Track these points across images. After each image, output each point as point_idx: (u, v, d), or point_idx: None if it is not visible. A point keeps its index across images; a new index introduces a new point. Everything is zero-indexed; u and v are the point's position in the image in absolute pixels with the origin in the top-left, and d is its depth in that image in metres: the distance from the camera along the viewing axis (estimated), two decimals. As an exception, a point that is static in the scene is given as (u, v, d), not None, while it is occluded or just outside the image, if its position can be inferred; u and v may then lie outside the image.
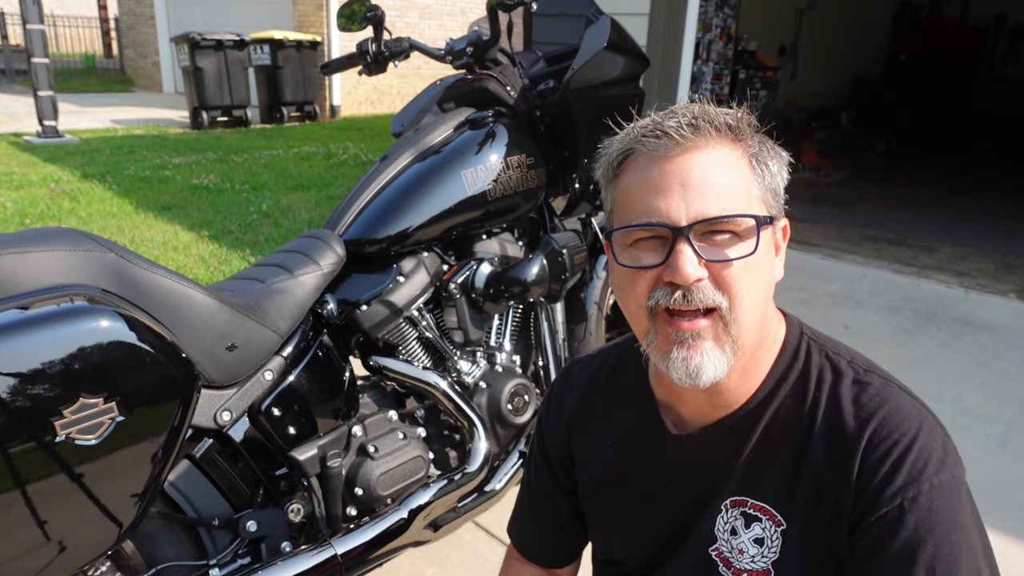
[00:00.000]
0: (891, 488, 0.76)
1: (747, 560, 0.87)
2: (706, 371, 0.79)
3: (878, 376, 0.85)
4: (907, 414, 0.80)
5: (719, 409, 0.88)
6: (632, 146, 0.83)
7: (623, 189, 0.84)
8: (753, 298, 0.80)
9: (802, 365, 0.87)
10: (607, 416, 1.01)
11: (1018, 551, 2.02)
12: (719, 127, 0.81)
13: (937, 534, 0.75)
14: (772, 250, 0.84)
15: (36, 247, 1.10)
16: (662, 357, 0.81)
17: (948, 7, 9.92)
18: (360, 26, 1.97)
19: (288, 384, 1.48)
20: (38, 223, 4.60)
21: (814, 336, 0.90)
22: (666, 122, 0.81)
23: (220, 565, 1.41)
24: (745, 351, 0.82)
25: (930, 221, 5.39)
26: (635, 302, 0.83)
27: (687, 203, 0.78)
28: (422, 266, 1.72)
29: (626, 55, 1.99)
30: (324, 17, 10.09)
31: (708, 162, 0.79)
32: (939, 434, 0.80)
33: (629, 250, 0.83)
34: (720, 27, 5.41)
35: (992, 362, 3.15)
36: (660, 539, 0.95)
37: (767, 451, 0.86)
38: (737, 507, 0.88)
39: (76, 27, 17.19)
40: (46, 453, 1.00)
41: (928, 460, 0.77)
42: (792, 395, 0.86)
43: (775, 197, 0.84)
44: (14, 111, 9.72)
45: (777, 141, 0.87)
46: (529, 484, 1.13)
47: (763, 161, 0.83)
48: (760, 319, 0.83)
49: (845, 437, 0.81)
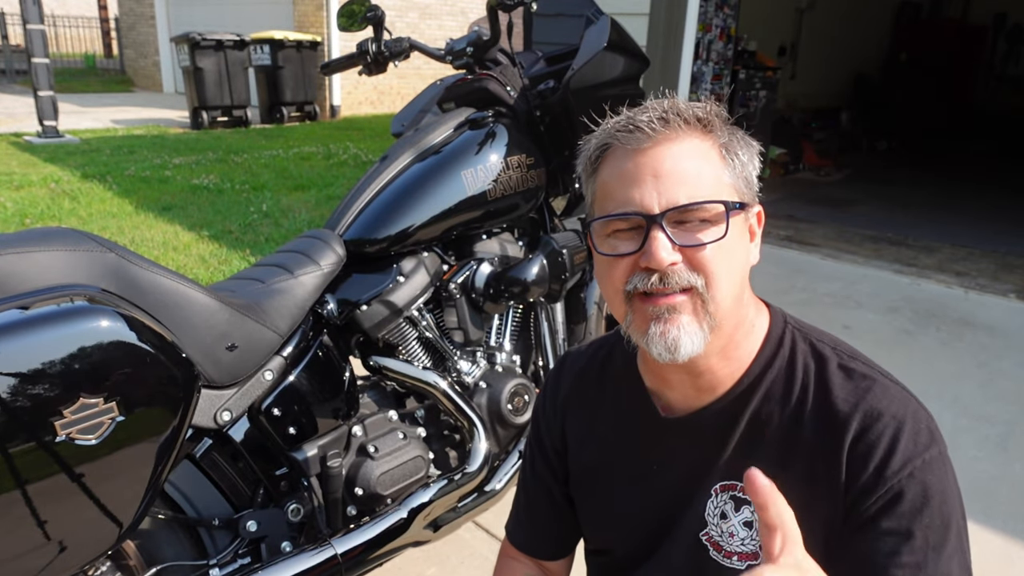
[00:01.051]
0: (887, 470, 0.80)
1: (737, 543, 0.89)
2: (684, 344, 0.82)
3: (861, 362, 0.88)
4: (894, 398, 0.84)
5: (704, 392, 0.91)
6: (608, 141, 0.87)
7: (601, 182, 0.88)
8: (728, 278, 0.83)
9: (788, 352, 0.90)
10: (599, 403, 1.04)
11: (1018, 551, 2.02)
12: (688, 120, 0.84)
13: (932, 507, 0.79)
14: (746, 235, 0.88)
15: (36, 247, 1.10)
16: (641, 335, 0.85)
17: (948, 7, 9.92)
18: (360, 26, 1.97)
19: (288, 384, 1.48)
20: (38, 223, 4.60)
21: (797, 325, 0.93)
22: (638, 117, 0.85)
23: (220, 565, 1.41)
24: (723, 329, 0.85)
25: (930, 221, 5.39)
26: (613, 288, 0.87)
27: (659, 192, 0.82)
28: (422, 266, 1.73)
29: (626, 55, 1.99)
30: (324, 17, 10.09)
31: (679, 153, 0.83)
32: (923, 415, 0.84)
33: (608, 239, 0.87)
34: (720, 27, 5.41)
35: (992, 362, 3.14)
36: (650, 525, 0.97)
37: (756, 435, 0.89)
38: (727, 491, 0.90)
39: (76, 27, 17.19)
40: (46, 453, 1.00)
41: (917, 440, 0.81)
42: (779, 380, 0.89)
43: (747, 185, 0.87)
44: (14, 111, 9.72)
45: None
46: (524, 475, 1.16)
47: (733, 151, 0.86)
48: (736, 299, 0.86)
49: (834, 421, 0.84)
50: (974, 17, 9.80)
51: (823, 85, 8.62)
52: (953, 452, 0.85)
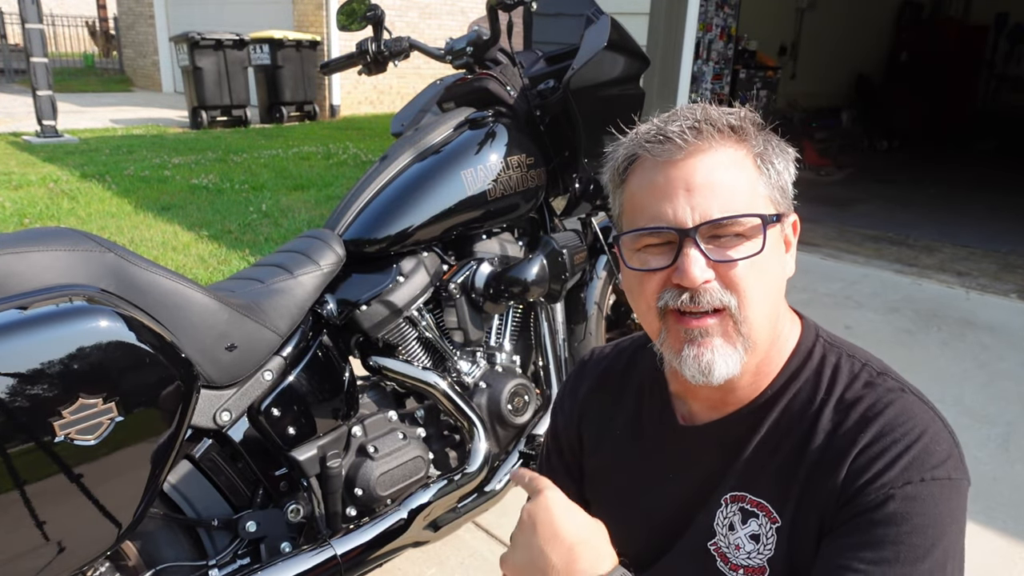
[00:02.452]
0: (882, 479, 0.76)
1: (743, 556, 0.87)
2: (718, 367, 0.80)
3: (891, 379, 0.85)
4: (914, 417, 0.80)
5: (730, 405, 0.89)
6: (637, 151, 0.84)
7: (630, 194, 0.85)
8: (762, 296, 0.80)
9: (816, 365, 0.87)
10: (618, 406, 1.03)
11: (1020, 552, 2.02)
12: (722, 129, 0.81)
13: (914, 523, 0.75)
14: (781, 247, 0.85)
15: (35, 247, 1.10)
16: (675, 355, 0.83)
17: (949, 6, 9.92)
18: (360, 25, 1.96)
19: (288, 384, 1.48)
20: (37, 223, 4.60)
21: (830, 339, 0.90)
22: (669, 126, 0.81)
23: (220, 565, 1.41)
24: (758, 349, 0.83)
25: (931, 221, 5.39)
26: (645, 304, 0.84)
27: (692, 206, 0.79)
28: (422, 266, 1.72)
29: (626, 55, 1.99)
30: (324, 17, 10.09)
31: (712, 165, 0.80)
32: (945, 440, 0.80)
33: (638, 254, 0.84)
34: (720, 27, 5.40)
35: (993, 362, 3.14)
36: (661, 531, 0.96)
37: (771, 447, 0.87)
38: (736, 502, 0.88)
39: (75, 27, 17.18)
40: (45, 453, 1.00)
41: (927, 460, 0.77)
42: (801, 393, 0.86)
43: (783, 194, 0.85)
44: (13, 111, 9.71)
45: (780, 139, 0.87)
46: (540, 468, 1.14)
47: (768, 159, 0.83)
48: (771, 317, 0.83)
49: (845, 436, 0.81)
50: (975, 17, 9.79)
51: (824, 85, 8.61)
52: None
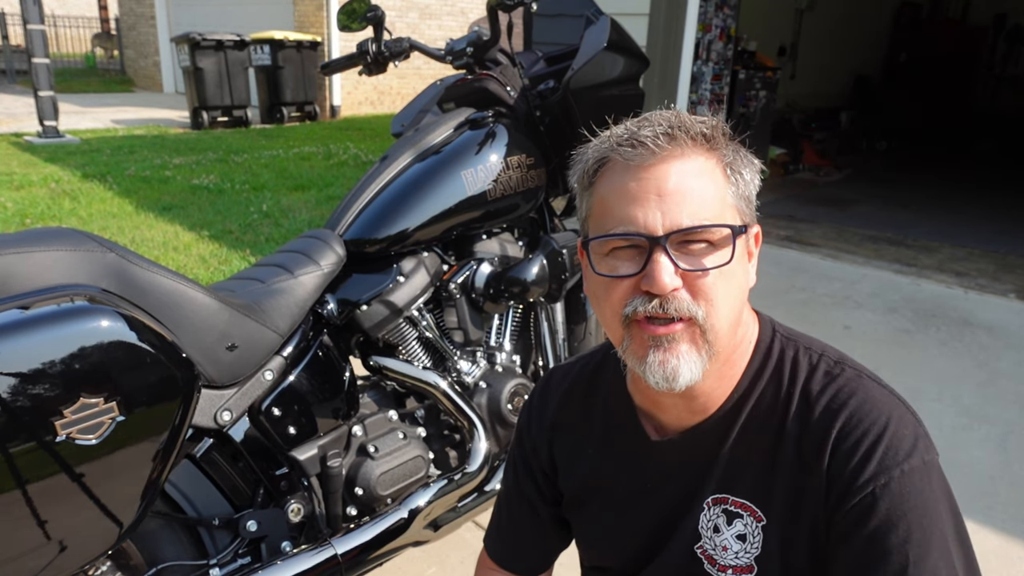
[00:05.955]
0: (863, 476, 0.79)
1: (731, 556, 0.88)
2: (682, 374, 0.80)
3: (849, 367, 0.87)
4: (877, 404, 0.82)
5: (697, 414, 0.90)
6: (608, 154, 0.83)
7: (599, 197, 0.85)
8: (729, 306, 0.81)
9: (775, 362, 0.89)
10: (588, 424, 1.02)
11: (1018, 551, 2.02)
12: (694, 136, 0.81)
13: (909, 519, 0.77)
14: (746, 257, 0.85)
15: (36, 247, 1.10)
16: (638, 362, 0.82)
17: (948, 7, 9.92)
18: (360, 26, 1.97)
19: (288, 384, 1.48)
20: (38, 223, 4.60)
21: (786, 333, 0.92)
22: (642, 131, 0.81)
23: (220, 565, 1.41)
24: (720, 356, 0.83)
25: (930, 221, 5.39)
26: (611, 310, 0.83)
27: (663, 212, 0.78)
28: (422, 266, 1.73)
29: (626, 55, 1.99)
30: (324, 17, 10.09)
31: (684, 172, 0.80)
32: (910, 421, 0.82)
33: (606, 259, 0.83)
34: (720, 27, 5.41)
35: (992, 362, 3.14)
36: (646, 541, 0.96)
37: (745, 448, 0.88)
38: (719, 504, 0.89)
39: (76, 27, 17.19)
40: (46, 453, 1.00)
41: (899, 448, 0.79)
42: (767, 392, 0.88)
43: (748, 204, 0.85)
44: (14, 111, 9.72)
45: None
46: (507, 490, 1.13)
47: (737, 170, 0.84)
48: (735, 325, 0.84)
49: (816, 430, 0.83)
50: (974, 18, 9.81)
51: (823, 85, 8.62)
52: (953, 452, 0.84)
